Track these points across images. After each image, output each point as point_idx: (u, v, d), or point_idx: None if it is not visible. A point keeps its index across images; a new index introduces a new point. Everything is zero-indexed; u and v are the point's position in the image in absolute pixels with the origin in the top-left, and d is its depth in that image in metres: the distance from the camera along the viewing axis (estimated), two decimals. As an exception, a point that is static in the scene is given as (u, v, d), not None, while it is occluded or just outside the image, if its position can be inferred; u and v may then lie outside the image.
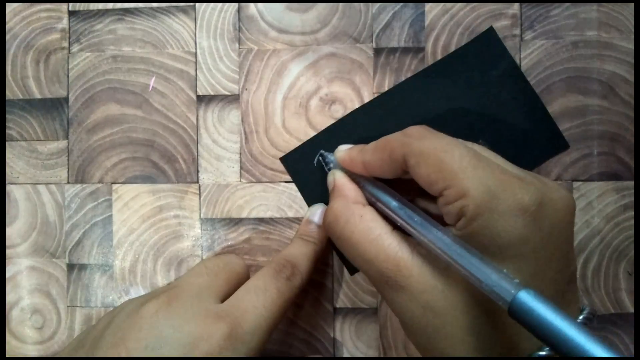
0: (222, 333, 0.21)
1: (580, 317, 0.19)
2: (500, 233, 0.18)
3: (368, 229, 0.22)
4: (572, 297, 0.20)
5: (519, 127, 0.29)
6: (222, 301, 0.24)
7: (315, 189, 0.30)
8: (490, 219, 0.18)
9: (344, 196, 0.24)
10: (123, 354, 0.20)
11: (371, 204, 0.24)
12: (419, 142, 0.20)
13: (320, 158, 0.29)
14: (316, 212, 0.29)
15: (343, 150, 0.25)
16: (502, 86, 0.29)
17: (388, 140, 0.22)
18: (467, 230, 0.19)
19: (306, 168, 0.30)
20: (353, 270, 0.30)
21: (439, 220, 0.20)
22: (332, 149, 0.29)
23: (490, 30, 0.29)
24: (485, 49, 0.29)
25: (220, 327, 0.21)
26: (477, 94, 0.29)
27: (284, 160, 0.30)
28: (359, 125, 0.29)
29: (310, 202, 0.30)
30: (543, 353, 0.18)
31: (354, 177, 0.25)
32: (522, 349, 0.19)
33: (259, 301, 0.23)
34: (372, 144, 0.23)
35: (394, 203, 0.22)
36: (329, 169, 0.28)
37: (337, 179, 0.25)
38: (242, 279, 0.26)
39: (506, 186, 0.18)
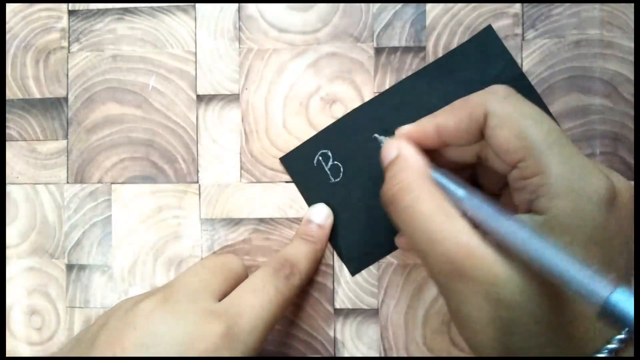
0: (219, 332, 0.21)
1: None
2: (586, 217, 0.17)
3: (441, 207, 0.19)
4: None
5: None
6: (220, 300, 0.23)
7: (315, 188, 0.29)
8: (577, 201, 0.17)
9: (411, 167, 0.21)
10: (118, 353, 0.20)
11: None
12: (506, 101, 0.19)
13: (377, 141, 0.25)
14: (316, 211, 0.28)
15: (407, 126, 0.22)
16: (502, 84, 0.29)
17: (468, 98, 0.21)
18: (551, 213, 0.17)
19: (306, 168, 0.29)
20: (354, 271, 0.29)
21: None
22: (331, 149, 0.29)
23: (489, 28, 0.29)
24: (484, 47, 0.29)
25: (216, 326, 0.21)
26: (477, 91, 0.29)
27: (284, 160, 0.30)
28: (358, 125, 0.29)
29: (310, 202, 0.29)
30: (607, 351, 0.17)
31: None
32: (590, 342, 0.18)
33: (256, 300, 0.23)
34: (446, 107, 0.21)
35: (461, 191, 0.20)
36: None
37: (404, 148, 0.22)
38: (240, 278, 0.25)
39: (589, 169, 0.18)
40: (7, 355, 0.31)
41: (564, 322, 0.18)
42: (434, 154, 0.23)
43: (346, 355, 0.29)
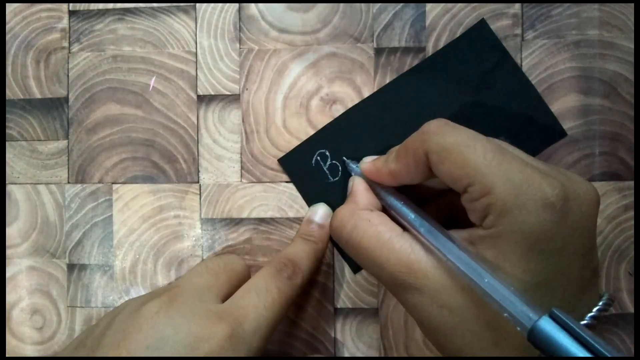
0: (223, 333, 0.21)
1: (600, 303, 0.19)
2: (530, 229, 0.18)
3: (377, 233, 0.21)
4: (593, 292, 0.20)
5: (516, 117, 0.29)
6: (223, 301, 0.23)
7: (314, 189, 0.30)
8: (519, 215, 0.18)
9: (354, 202, 0.24)
10: (124, 355, 0.20)
11: (391, 215, 0.23)
12: (439, 137, 0.20)
13: (345, 165, 0.29)
14: (317, 211, 0.29)
15: (368, 161, 0.25)
16: (497, 77, 0.29)
17: (408, 143, 0.22)
18: (496, 228, 0.18)
19: (304, 169, 0.30)
20: (356, 268, 0.29)
21: (463, 216, 0.20)
22: (329, 148, 0.29)
23: (482, 22, 0.29)
24: (478, 41, 0.29)
25: (221, 327, 0.21)
26: (472, 86, 0.29)
27: (282, 162, 0.30)
28: (355, 123, 0.29)
29: (310, 202, 0.30)
30: None
31: (373, 186, 0.25)
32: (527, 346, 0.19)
33: (259, 301, 0.23)
34: (395, 152, 0.23)
35: (411, 215, 0.22)
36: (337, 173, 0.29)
37: (355, 184, 0.25)
38: (243, 279, 0.26)
39: (532, 181, 0.18)
40: (8, 355, 0.31)
41: (506, 323, 0.18)
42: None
43: (346, 354, 0.29)
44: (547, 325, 0.16)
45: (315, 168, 0.30)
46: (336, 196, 0.29)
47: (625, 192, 0.29)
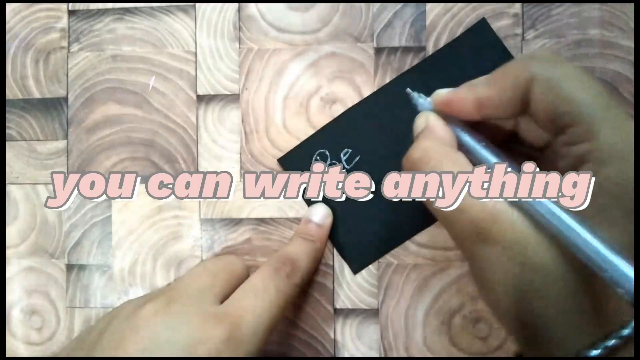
0: (221, 336, 0.21)
1: None
2: (631, 184, 0.16)
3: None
4: None
5: None
6: (222, 302, 0.23)
7: (315, 189, 0.29)
8: (623, 167, 0.16)
9: (437, 137, 0.21)
10: (121, 356, 0.20)
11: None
12: (549, 65, 0.18)
13: (410, 97, 0.24)
14: (316, 211, 0.28)
15: (444, 92, 0.22)
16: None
17: (509, 66, 0.20)
18: (597, 179, 0.17)
19: (304, 168, 0.29)
20: (356, 268, 0.29)
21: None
22: (329, 148, 0.29)
23: (483, 21, 0.29)
24: (479, 40, 0.29)
25: (218, 329, 0.21)
26: None
27: (281, 161, 0.30)
28: (356, 123, 0.29)
29: (309, 202, 0.29)
30: (597, 352, 0.17)
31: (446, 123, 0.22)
32: (615, 317, 0.17)
33: (257, 302, 0.23)
34: (485, 77, 0.20)
35: (494, 160, 0.19)
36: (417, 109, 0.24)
37: (431, 120, 0.21)
38: (242, 280, 0.25)
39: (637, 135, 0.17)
40: (7, 355, 0.31)
41: (595, 292, 0.17)
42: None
43: (346, 355, 0.29)
44: None
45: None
46: (336, 196, 0.29)
47: (627, 192, 0.28)
